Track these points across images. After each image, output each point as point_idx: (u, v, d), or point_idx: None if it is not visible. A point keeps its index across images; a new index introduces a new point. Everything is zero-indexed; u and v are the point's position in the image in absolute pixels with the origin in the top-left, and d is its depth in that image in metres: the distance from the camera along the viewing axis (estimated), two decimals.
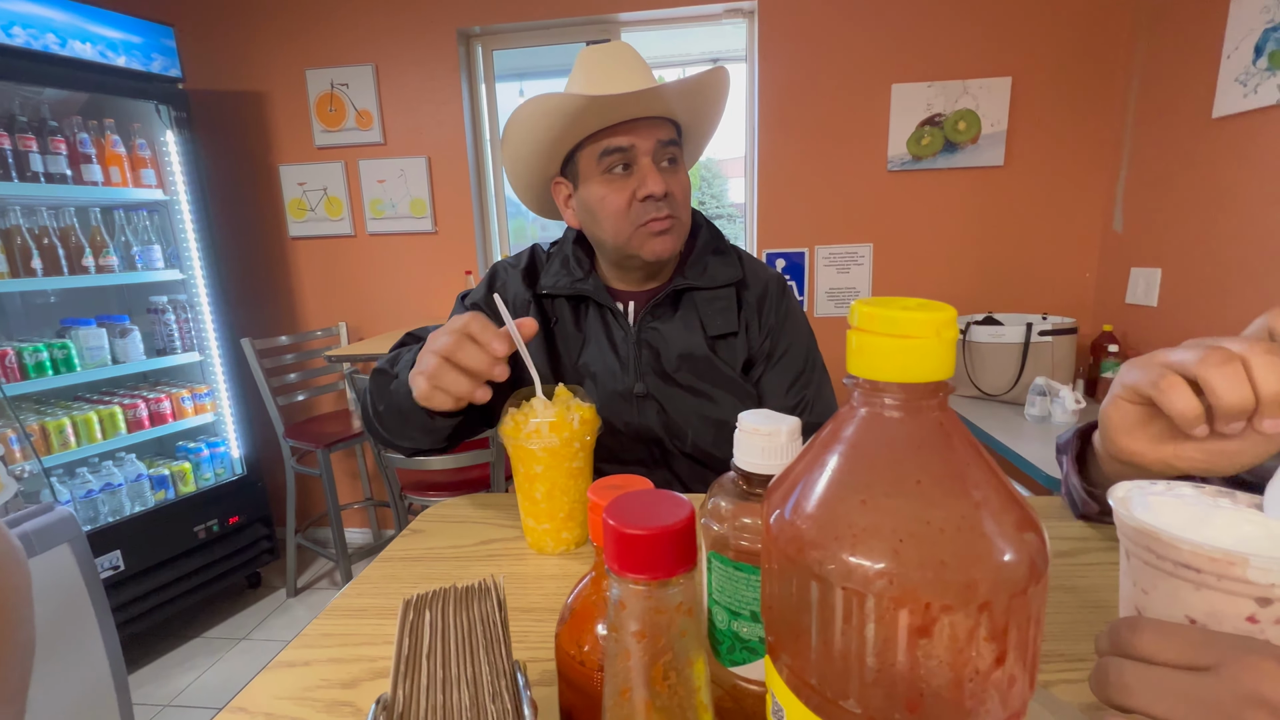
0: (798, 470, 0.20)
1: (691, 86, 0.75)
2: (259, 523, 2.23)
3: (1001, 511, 0.17)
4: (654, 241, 0.78)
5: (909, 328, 0.17)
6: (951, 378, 0.18)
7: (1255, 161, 1.44)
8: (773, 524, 0.19)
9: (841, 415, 0.19)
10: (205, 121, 2.23)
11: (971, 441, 0.19)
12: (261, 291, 2.39)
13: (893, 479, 0.17)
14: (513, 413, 0.58)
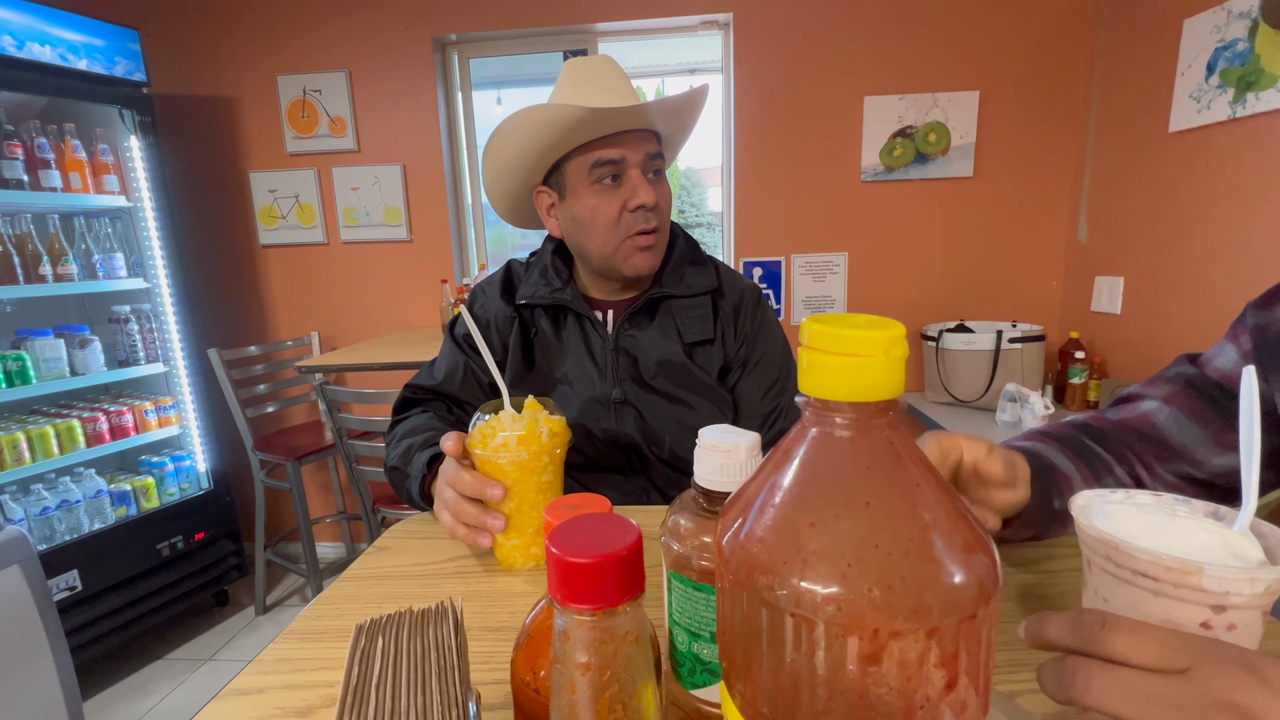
0: (750, 491, 0.19)
1: (681, 103, 0.77)
2: (226, 538, 2.16)
3: (951, 532, 0.17)
4: (637, 257, 0.80)
5: (857, 346, 0.17)
6: (901, 396, 0.18)
7: (1210, 174, 1.49)
8: (724, 547, 0.19)
9: (793, 434, 0.19)
10: (172, 127, 2.18)
11: (923, 459, 0.18)
12: (230, 301, 2.34)
13: (842, 500, 0.17)
14: (480, 425, 0.57)
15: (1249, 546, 0.35)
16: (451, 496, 0.59)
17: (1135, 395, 0.64)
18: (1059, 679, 0.29)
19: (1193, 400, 0.59)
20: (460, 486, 0.57)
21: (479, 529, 0.57)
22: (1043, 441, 0.58)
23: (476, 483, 0.56)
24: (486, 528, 0.57)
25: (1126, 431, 0.62)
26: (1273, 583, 0.32)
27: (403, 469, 0.74)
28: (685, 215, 6.61)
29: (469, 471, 0.58)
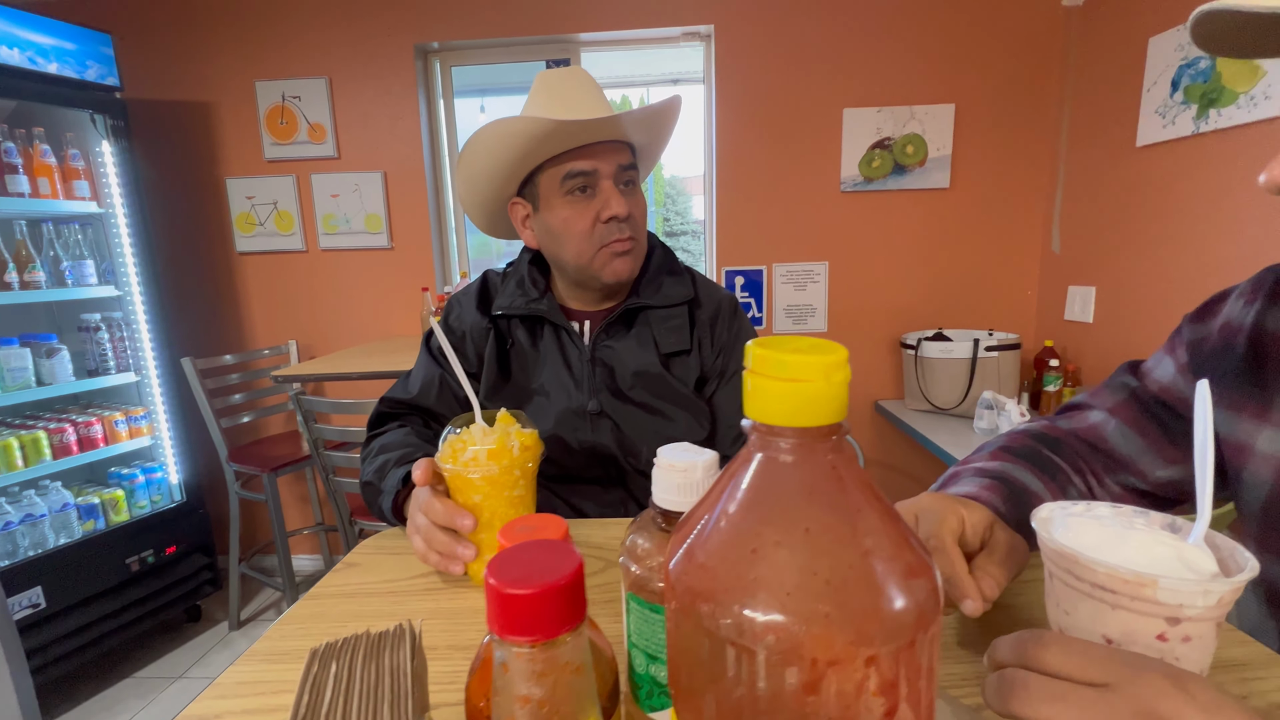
0: (696, 515, 0.19)
1: (652, 114, 0.77)
2: (199, 552, 2.11)
3: (892, 558, 0.17)
4: (615, 263, 0.80)
5: (798, 371, 0.17)
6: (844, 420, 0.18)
7: (1176, 187, 1.54)
8: (670, 572, 0.18)
9: (740, 458, 0.19)
10: (146, 132, 2.14)
11: (867, 483, 0.18)
12: (206, 309, 2.29)
13: (783, 527, 0.17)
14: (450, 439, 0.57)
15: (1203, 559, 0.35)
16: (423, 523, 0.58)
17: (1083, 404, 0.65)
18: (999, 691, 0.31)
19: (1136, 413, 0.61)
20: (432, 514, 0.57)
21: (450, 557, 0.56)
22: (1009, 460, 0.58)
23: (448, 511, 0.56)
24: (458, 557, 0.56)
25: (1077, 441, 0.63)
26: (1224, 595, 0.33)
27: (376, 485, 0.73)
28: (670, 223, 6.64)
29: (441, 499, 0.57)
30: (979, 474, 0.56)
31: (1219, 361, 0.56)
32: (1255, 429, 0.52)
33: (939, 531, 0.43)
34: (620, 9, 2.02)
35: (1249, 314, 0.54)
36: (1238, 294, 0.56)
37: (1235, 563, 0.36)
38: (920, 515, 0.46)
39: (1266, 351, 0.52)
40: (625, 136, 0.79)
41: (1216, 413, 0.56)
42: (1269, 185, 0.40)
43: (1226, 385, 0.55)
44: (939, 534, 0.43)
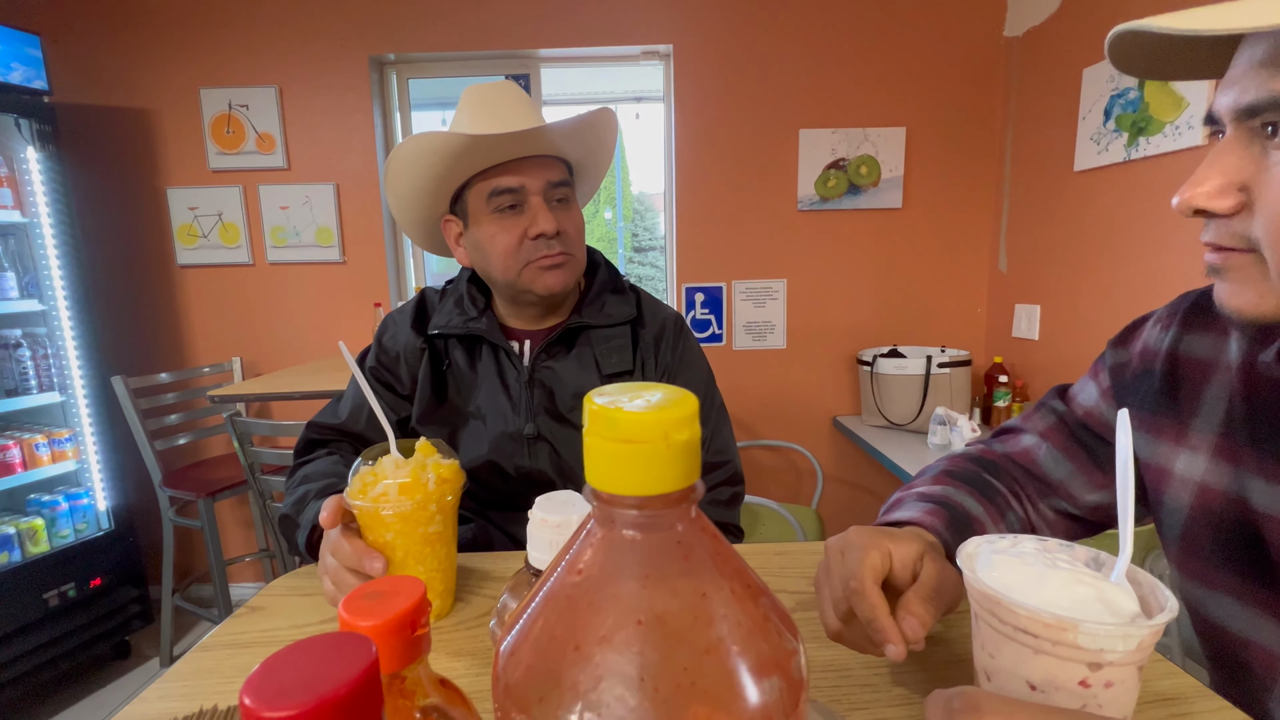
0: (529, 601, 0.17)
1: (577, 126, 0.75)
2: (129, 584, 1.97)
3: (742, 651, 0.15)
4: (546, 276, 0.78)
5: (632, 431, 0.14)
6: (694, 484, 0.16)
7: (1111, 210, 1.60)
8: (496, 671, 0.16)
9: (584, 533, 0.17)
10: (80, 138, 2.04)
11: (723, 557, 0.16)
12: (142, 324, 2.17)
13: (612, 619, 0.15)
14: (361, 473, 0.53)
15: (1124, 599, 0.34)
16: (332, 565, 0.54)
17: (1016, 428, 0.65)
18: None
19: (1064, 437, 0.61)
20: (340, 556, 0.53)
21: None
22: (952, 484, 0.58)
23: (357, 554, 0.52)
24: None
25: (1013, 465, 0.63)
26: (1144, 639, 0.32)
27: (294, 518, 0.69)
28: (639, 239, 6.68)
29: (351, 539, 0.53)
30: (921, 499, 0.55)
31: (1139, 386, 0.56)
32: (1173, 452, 0.53)
33: (859, 572, 0.42)
34: (580, 26, 2.02)
35: (1165, 339, 0.55)
36: (1155, 319, 0.57)
37: (1156, 600, 0.35)
38: (845, 551, 0.44)
39: (1181, 376, 0.53)
40: (553, 150, 0.77)
41: (1137, 437, 0.56)
42: (1180, 208, 0.41)
43: (1146, 409, 0.55)
44: (859, 575, 0.42)
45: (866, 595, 0.41)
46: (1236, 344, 0.50)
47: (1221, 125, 0.40)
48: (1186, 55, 0.43)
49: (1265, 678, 0.47)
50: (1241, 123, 0.38)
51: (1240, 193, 0.39)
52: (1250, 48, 0.38)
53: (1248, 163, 0.38)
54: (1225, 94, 0.39)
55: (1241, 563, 0.47)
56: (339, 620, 0.23)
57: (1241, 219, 0.39)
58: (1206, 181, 0.39)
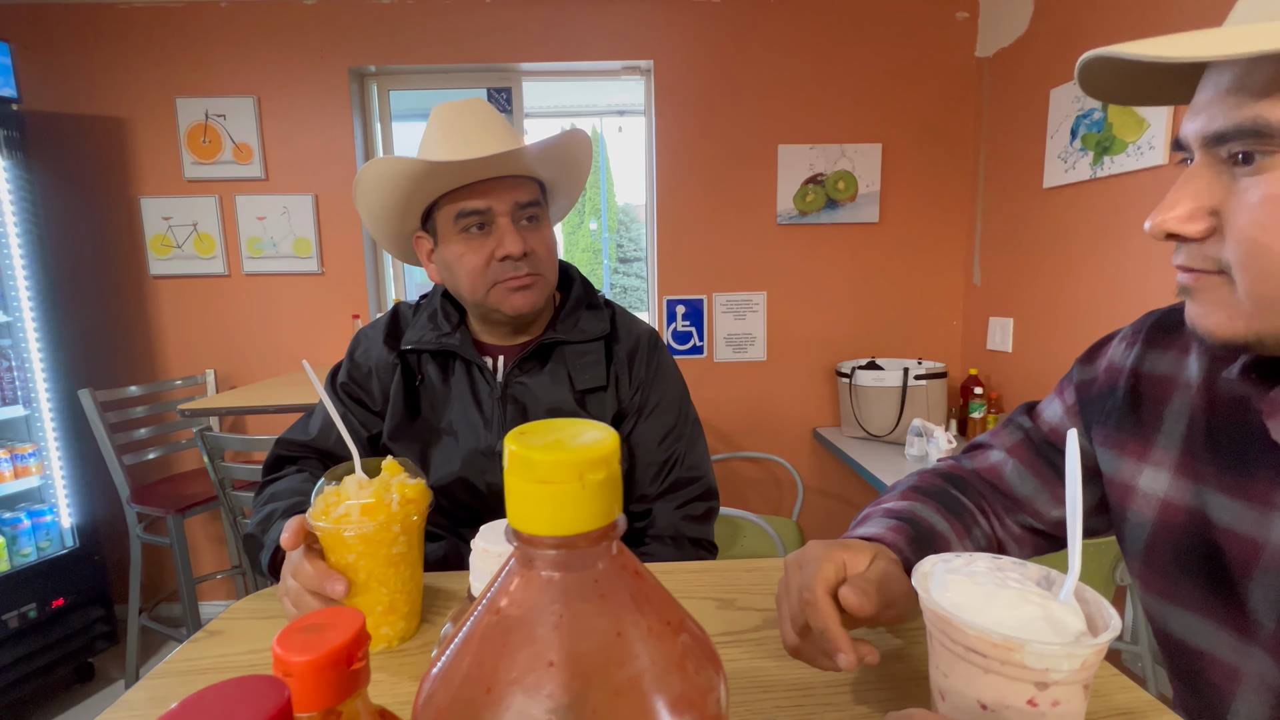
0: (450, 641, 0.16)
1: (547, 149, 0.75)
2: (94, 603, 1.92)
3: (652, 693, 0.15)
4: (513, 297, 0.78)
5: (548, 472, 0.15)
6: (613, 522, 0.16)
7: (1079, 226, 1.64)
8: (414, 708, 0.16)
9: (506, 573, 0.17)
10: (50, 147, 2.00)
11: (642, 593, 0.16)
12: (113, 336, 2.13)
13: (525, 660, 0.15)
14: (325, 493, 0.52)
15: (1071, 617, 0.35)
16: (293, 587, 0.53)
17: (985, 444, 0.66)
18: None
19: (1030, 454, 0.62)
20: (301, 578, 0.52)
21: None
22: (918, 500, 0.58)
23: (318, 576, 0.51)
24: None
25: (980, 481, 0.64)
26: (1088, 658, 0.33)
27: (258, 538, 0.68)
28: (624, 249, 6.70)
29: (313, 560, 0.52)
30: (887, 514, 0.56)
31: (1104, 403, 0.57)
32: (1137, 469, 0.54)
33: (812, 584, 0.43)
34: (561, 41, 2.04)
35: (1129, 357, 0.56)
36: (1120, 338, 0.59)
37: (1102, 619, 0.36)
38: (802, 565, 0.45)
39: (1144, 393, 0.54)
40: (523, 171, 0.77)
41: (1102, 453, 0.57)
42: (1152, 232, 0.42)
43: (1110, 426, 0.56)
44: (812, 586, 0.43)
45: (819, 606, 0.41)
46: (1197, 362, 0.51)
47: (1189, 151, 0.41)
48: (1154, 82, 0.44)
49: (1224, 690, 0.48)
50: (1210, 149, 0.39)
51: (1211, 217, 0.39)
52: (1216, 75, 0.39)
53: (1217, 188, 0.39)
54: (1192, 121, 0.40)
55: (1201, 577, 0.48)
56: (272, 655, 0.23)
57: (1213, 243, 0.40)
58: (1177, 206, 0.40)
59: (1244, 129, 0.36)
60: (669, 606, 0.17)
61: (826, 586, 0.43)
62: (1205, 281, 0.41)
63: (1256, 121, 0.36)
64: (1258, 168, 0.37)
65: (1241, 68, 0.37)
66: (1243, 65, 0.37)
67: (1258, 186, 0.37)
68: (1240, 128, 0.37)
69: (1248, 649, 0.46)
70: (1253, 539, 0.45)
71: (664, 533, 0.82)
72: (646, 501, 0.84)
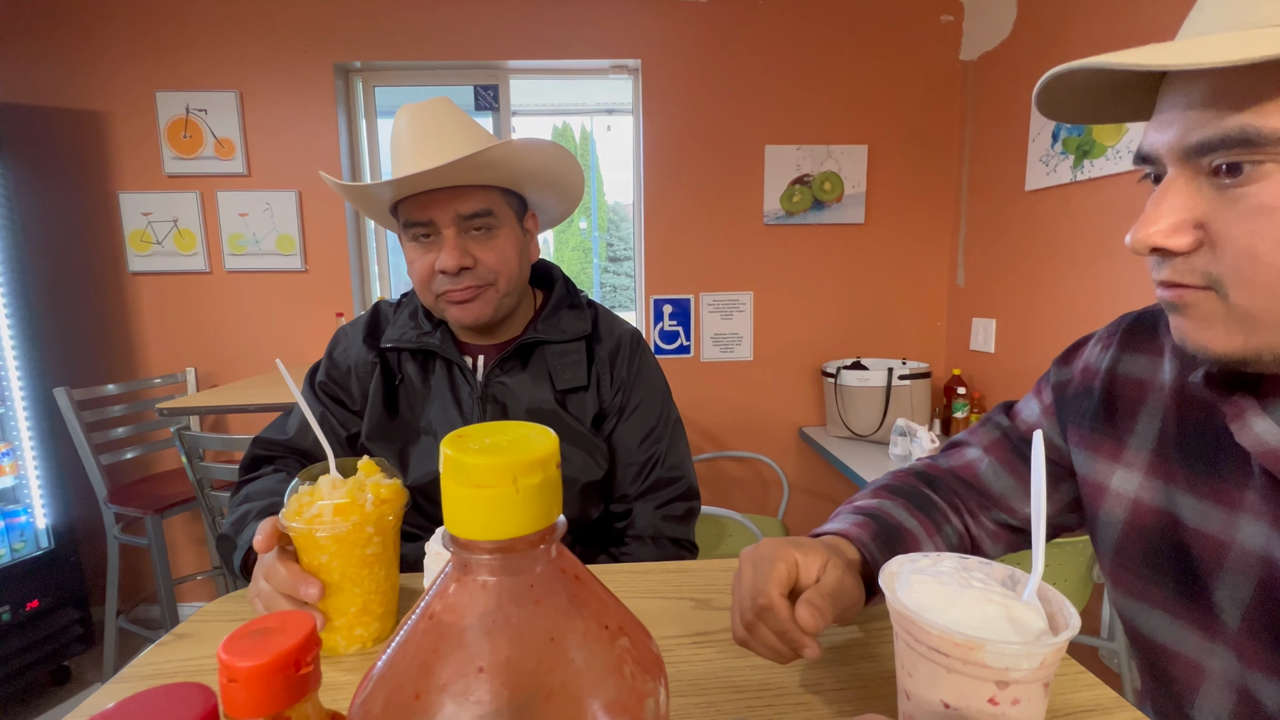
0: (386, 647, 0.16)
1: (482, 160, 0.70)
2: (70, 605, 1.88)
3: (584, 698, 0.15)
4: (452, 310, 0.78)
5: (481, 476, 0.14)
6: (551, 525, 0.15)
7: (1060, 228, 1.66)
8: (349, 716, 0.16)
9: (438, 578, 0.16)
10: (26, 141, 1.96)
11: (580, 597, 0.16)
12: (90, 333, 2.09)
13: (455, 666, 0.14)
14: (299, 493, 0.52)
15: (1033, 617, 0.35)
16: (265, 590, 0.52)
17: (962, 442, 0.67)
18: None
19: (1006, 452, 0.63)
20: (275, 581, 0.51)
21: None
22: (888, 498, 0.59)
23: (291, 579, 0.50)
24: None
25: (955, 479, 0.64)
26: (1047, 656, 0.33)
27: (232, 538, 0.67)
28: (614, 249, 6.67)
29: (287, 563, 0.52)
30: (855, 511, 0.57)
31: (1079, 403, 0.58)
32: (1110, 469, 0.55)
33: (766, 588, 0.43)
34: (549, 39, 2.03)
35: (1105, 359, 0.57)
36: (1096, 339, 0.59)
37: (1063, 618, 0.36)
38: (756, 564, 0.46)
39: (1118, 395, 0.55)
40: (472, 180, 0.74)
41: (1076, 453, 0.58)
42: (1135, 247, 0.40)
43: (1085, 426, 0.57)
44: (766, 591, 0.43)
45: (776, 610, 0.42)
46: (1170, 365, 0.51)
47: (1156, 164, 0.40)
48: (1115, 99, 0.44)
49: (1188, 687, 0.49)
50: (1188, 161, 0.38)
51: (1197, 229, 0.38)
52: (1185, 87, 0.38)
53: (1199, 201, 0.38)
54: (1163, 133, 0.39)
55: (1170, 576, 0.49)
56: (217, 660, 0.22)
57: (1201, 255, 0.38)
58: (1160, 220, 0.39)
59: (1230, 139, 0.35)
60: (609, 610, 0.16)
61: (780, 588, 0.43)
62: (1191, 297, 0.40)
63: (1245, 131, 0.35)
64: (1247, 178, 0.36)
65: (1219, 78, 0.36)
66: (1219, 76, 0.36)
67: (1251, 197, 0.36)
68: (1227, 138, 0.35)
69: (1212, 646, 0.46)
70: (1219, 539, 0.45)
71: (644, 533, 0.82)
72: (627, 501, 0.84)
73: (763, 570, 0.44)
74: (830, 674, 0.49)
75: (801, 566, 0.45)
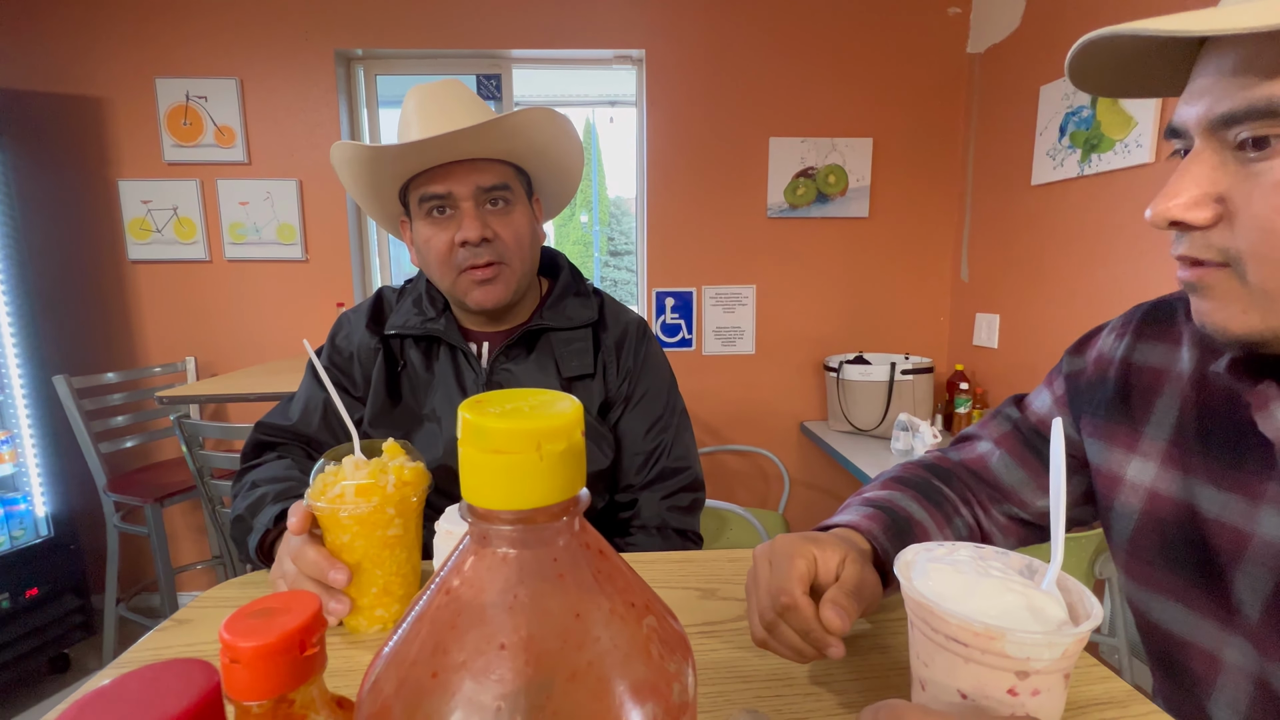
0: (399, 625, 0.15)
1: (506, 126, 0.71)
2: (70, 593, 1.88)
3: (611, 678, 0.14)
4: (476, 291, 0.76)
5: (502, 441, 0.14)
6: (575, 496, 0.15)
7: (1066, 223, 1.65)
8: (359, 699, 0.15)
9: (455, 551, 0.16)
10: (24, 126, 1.94)
11: (605, 574, 0.15)
12: (89, 321, 2.08)
13: (474, 643, 0.14)
14: (324, 474, 0.52)
15: (1053, 606, 0.35)
16: (291, 571, 0.52)
17: (973, 435, 0.66)
18: None
19: (1017, 444, 0.62)
20: (302, 563, 0.51)
21: None
22: (898, 489, 0.58)
23: (320, 562, 0.50)
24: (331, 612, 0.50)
25: (966, 472, 0.64)
26: (1069, 646, 0.32)
27: (248, 520, 0.66)
28: (614, 243, 6.66)
29: (316, 548, 0.51)
30: (865, 503, 0.56)
31: (1093, 393, 0.57)
32: (1125, 459, 0.54)
33: (788, 586, 0.42)
34: (552, 28, 2.01)
35: (1119, 348, 0.56)
36: (1110, 329, 0.59)
37: (1084, 608, 0.35)
38: (773, 561, 0.45)
39: (1134, 384, 0.54)
40: (487, 154, 0.74)
41: (1090, 443, 0.57)
42: (1154, 220, 0.40)
43: (1099, 416, 0.56)
44: (789, 589, 0.42)
45: (800, 609, 0.41)
46: (1188, 353, 0.50)
47: (1185, 137, 0.40)
48: (1147, 70, 0.43)
49: (1204, 679, 0.48)
50: (1214, 134, 0.37)
51: (1217, 204, 0.38)
52: (1217, 58, 0.37)
53: (1222, 175, 0.37)
54: (1193, 105, 0.38)
55: (1187, 567, 0.49)
56: (220, 640, 0.22)
57: (1219, 231, 0.38)
58: (1182, 193, 0.38)
59: (1256, 109, 0.34)
60: (635, 588, 0.16)
61: (803, 586, 0.42)
62: (1210, 276, 0.39)
63: (1271, 102, 0.34)
64: (1272, 151, 0.35)
65: (1248, 47, 0.35)
66: (1250, 44, 0.35)
67: (1274, 172, 0.35)
68: (1252, 109, 0.35)
69: (1230, 638, 0.46)
70: (1240, 530, 0.45)
71: (649, 523, 0.82)
72: (632, 491, 0.83)
73: (782, 568, 0.43)
74: (840, 665, 0.48)
75: (820, 562, 0.44)
